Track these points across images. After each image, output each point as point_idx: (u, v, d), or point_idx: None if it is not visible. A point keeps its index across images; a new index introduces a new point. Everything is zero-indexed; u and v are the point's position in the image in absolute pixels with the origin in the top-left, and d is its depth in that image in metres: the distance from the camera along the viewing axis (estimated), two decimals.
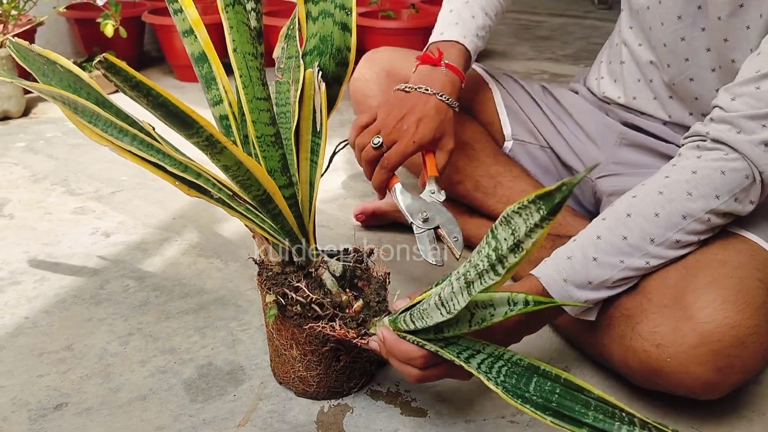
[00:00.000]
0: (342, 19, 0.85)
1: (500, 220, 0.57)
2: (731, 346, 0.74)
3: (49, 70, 0.79)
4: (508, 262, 0.58)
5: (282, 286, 0.81)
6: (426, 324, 0.71)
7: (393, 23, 2.28)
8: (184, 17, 0.78)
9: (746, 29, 0.87)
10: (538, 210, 0.53)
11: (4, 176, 1.57)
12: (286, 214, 0.78)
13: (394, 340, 0.76)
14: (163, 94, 0.63)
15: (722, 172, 0.79)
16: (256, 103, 0.74)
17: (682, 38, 0.96)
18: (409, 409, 0.86)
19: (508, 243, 0.57)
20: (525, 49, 2.93)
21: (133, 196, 1.47)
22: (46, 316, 1.05)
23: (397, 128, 0.97)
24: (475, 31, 1.06)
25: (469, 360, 0.70)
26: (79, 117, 0.74)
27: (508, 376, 0.68)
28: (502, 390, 0.66)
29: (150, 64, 2.53)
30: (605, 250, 0.80)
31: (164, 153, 0.74)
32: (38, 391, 0.88)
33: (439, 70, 1.01)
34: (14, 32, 1.95)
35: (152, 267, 1.19)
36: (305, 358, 0.83)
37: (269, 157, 0.77)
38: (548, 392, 0.66)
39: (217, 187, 0.76)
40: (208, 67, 0.81)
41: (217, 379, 0.91)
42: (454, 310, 0.66)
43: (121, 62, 0.59)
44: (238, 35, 0.71)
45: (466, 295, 0.64)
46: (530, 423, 0.84)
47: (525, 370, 0.69)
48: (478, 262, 0.61)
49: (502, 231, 0.57)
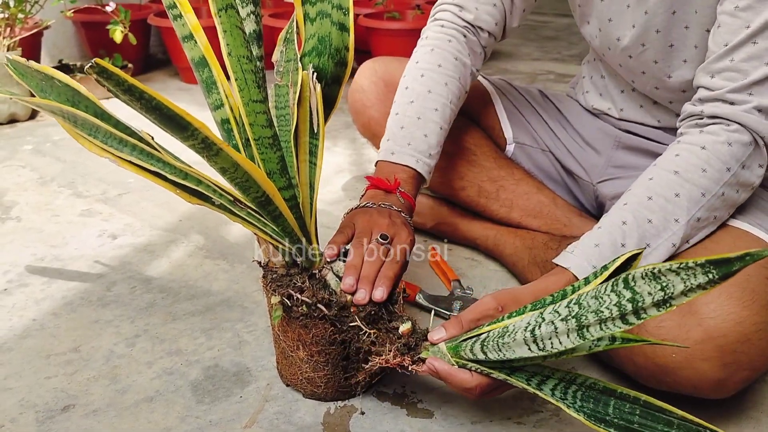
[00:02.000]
0: (339, 19, 0.85)
1: (643, 274, 0.57)
2: (737, 342, 0.74)
3: (47, 85, 0.79)
4: (647, 314, 0.58)
5: (287, 287, 0.81)
6: (506, 357, 0.69)
7: (398, 24, 2.28)
8: (184, 23, 0.79)
9: (685, 29, 0.91)
10: (706, 273, 0.53)
11: (11, 179, 1.58)
12: (287, 216, 0.78)
13: (447, 372, 0.74)
14: (157, 97, 0.63)
15: (729, 144, 0.81)
16: (252, 105, 0.74)
17: (630, 56, 1.00)
18: (415, 410, 0.86)
19: (654, 298, 0.57)
20: (531, 49, 2.92)
21: (140, 198, 1.47)
22: (53, 318, 1.05)
23: (390, 224, 0.87)
24: (428, 151, 0.98)
25: (540, 386, 0.69)
26: (78, 130, 0.75)
27: (584, 400, 0.68)
28: (584, 416, 0.65)
29: (156, 67, 2.54)
30: (632, 234, 0.80)
31: (164, 161, 0.74)
32: (45, 393, 0.89)
33: (394, 196, 0.94)
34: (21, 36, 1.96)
35: (159, 269, 1.20)
36: (312, 359, 0.83)
37: (268, 159, 0.77)
38: (628, 414, 0.66)
39: (218, 193, 0.76)
40: (209, 71, 0.81)
41: (223, 380, 0.91)
42: (551, 349, 0.65)
43: (113, 66, 0.59)
44: (231, 39, 0.71)
45: (575, 338, 0.63)
46: (537, 424, 0.84)
47: (601, 394, 0.68)
48: (602, 309, 0.60)
49: (645, 285, 0.57)
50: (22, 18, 1.95)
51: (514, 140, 1.21)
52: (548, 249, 1.05)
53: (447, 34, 1.05)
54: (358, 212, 0.89)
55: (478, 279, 1.16)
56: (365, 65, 1.27)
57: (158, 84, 2.36)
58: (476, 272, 1.18)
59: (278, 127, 0.82)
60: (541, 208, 1.16)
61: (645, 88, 1.02)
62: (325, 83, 0.86)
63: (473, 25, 1.06)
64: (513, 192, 1.17)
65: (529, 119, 1.22)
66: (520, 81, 2.45)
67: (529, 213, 1.16)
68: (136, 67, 2.37)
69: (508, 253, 1.15)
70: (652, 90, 1.01)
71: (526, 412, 0.86)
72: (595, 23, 1.04)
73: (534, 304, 0.71)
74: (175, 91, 2.27)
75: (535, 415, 0.85)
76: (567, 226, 1.12)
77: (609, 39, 1.01)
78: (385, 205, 0.89)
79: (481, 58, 1.09)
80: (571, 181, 1.19)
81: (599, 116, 1.14)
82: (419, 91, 1.01)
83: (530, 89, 1.26)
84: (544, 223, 1.15)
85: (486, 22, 1.06)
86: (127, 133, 0.74)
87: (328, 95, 0.87)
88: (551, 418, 0.85)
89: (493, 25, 1.06)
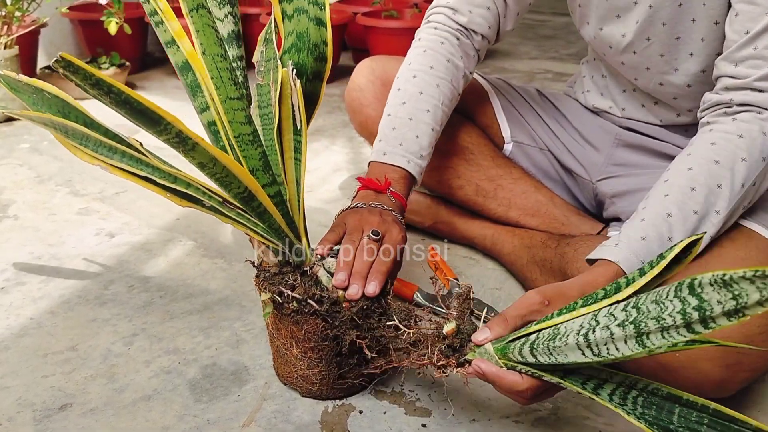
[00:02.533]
0: (316, 14, 0.86)
1: (712, 280, 0.53)
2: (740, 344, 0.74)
3: (38, 98, 0.80)
4: (717, 324, 0.54)
5: (278, 285, 0.81)
6: (557, 361, 0.65)
7: (396, 23, 2.28)
8: (166, 29, 0.79)
9: (692, 22, 0.91)
10: None
11: (9, 177, 1.58)
12: (272, 212, 0.78)
13: (496, 375, 0.70)
14: (126, 91, 0.62)
15: (764, 134, 0.80)
16: (230, 103, 0.74)
17: (634, 52, 0.99)
18: (413, 409, 0.86)
19: (725, 307, 0.53)
20: (529, 48, 2.92)
21: (138, 197, 1.47)
22: (50, 316, 1.05)
23: (381, 221, 0.87)
24: (419, 152, 0.98)
25: (597, 391, 0.66)
26: (69, 140, 0.76)
27: (646, 407, 0.63)
28: (646, 424, 0.61)
29: (153, 65, 2.54)
30: (678, 228, 0.79)
31: (153, 166, 0.74)
32: (43, 392, 0.89)
33: (385, 195, 0.93)
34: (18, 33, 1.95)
35: (156, 267, 1.19)
36: (306, 356, 0.83)
37: (249, 156, 0.77)
38: (695, 423, 0.62)
39: (207, 195, 0.76)
40: (193, 75, 0.81)
41: (221, 379, 0.91)
42: (607, 356, 0.61)
43: (79, 60, 0.59)
44: (204, 38, 0.72)
45: (634, 345, 0.59)
46: (535, 423, 0.84)
47: (664, 401, 0.64)
48: (664, 315, 0.56)
49: (714, 292, 0.53)
50: (19, 16, 1.94)
51: (512, 139, 1.21)
52: (546, 248, 1.05)
53: (440, 37, 1.05)
54: (350, 212, 0.89)
55: (477, 278, 1.16)
56: (362, 64, 1.27)
57: (155, 82, 2.36)
58: (474, 271, 1.18)
59: (262, 126, 0.82)
60: (539, 206, 1.16)
61: (648, 85, 1.02)
62: (306, 79, 0.86)
63: (466, 28, 1.06)
64: (511, 191, 1.17)
65: (527, 118, 1.22)
66: (517, 80, 2.46)
67: (527, 212, 1.16)
68: (134, 65, 2.36)
69: (506, 252, 1.15)
70: (655, 87, 1.01)
71: (525, 410, 0.86)
72: (594, 23, 1.03)
73: (585, 299, 0.67)
74: (172, 89, 2.27)
75: (534, 413, 0.85)
76: (565, 224, 1.12)
77: (611, 37, 1.01)
78: (375, 204, 0.89)
79: (474, 61, 1.09)
80: (570, 180, 1.19)
81: (600, 114, 1.14)
82: (411, 92, 1.01)
83: (528, 88, 1.26)
84: (542, 221, 1.15)
85: (479, 25, 1.06)
86: (117, 141, 0.74)
87: (311, 91, 0.87)
88: (549, 416, 0.85)
89: (486, 28, 1.07)
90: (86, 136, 0.74)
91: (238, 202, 0.76)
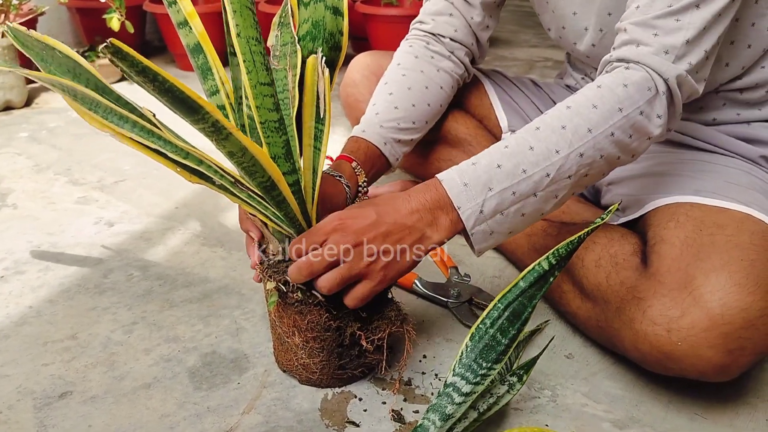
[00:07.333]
0: (333, 3, 0.85)
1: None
2: (742, 329, 0.74)
3: (47, 55, 0.78)
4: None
5: (283, 273, 0.81)
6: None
7: (396, 11, 2.26)
8: (179, 9, 0.78)
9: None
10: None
11: (7, 166, 1.58)
12: (290, 201, 0.77)
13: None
14: (170, 79, 0.62)
15: (624, 85, 0.81)
16: (260, 88, 0.73)
17: (593, 45, 1.05)
18: (413, 396, 0.86)
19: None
20: (528, 36, 2.91)
21: (137, 186, 1.47)
22: (50, 305, 1.05)
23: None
24: (379, 123, 1.05)
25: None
26: (79, 103, 0.74)
27: None
28: None
29: (152, 54, 2.52)
30: (510, 158, 0.80)
31: (165, 140, 0.73)
32: (43, 380, 0.89)
33: (344, 162, 0.98)
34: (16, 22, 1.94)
35: (156, 256, 1.19)
36: (307, 345, 0.83)
37: (273, 143, 0.76)
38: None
39: (218, 174, 0.75)
40: (204, 57, 0.81)
41: (221, 367, 0.91)
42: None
43: (128, 47, 0.59)
44: (241, 19, 0.70)
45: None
46: (533, 410, 0.84)
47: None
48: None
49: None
50: (16, 4, 1.93)
51: (509, 129, 1.21)
52: (547, 235, 1.05)
53: (411, 48, 1.13)
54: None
55: (476, 266, 1.16)
56: (357, 59, 1.28)
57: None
58: (474, 259, 1.18)
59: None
60: None
61: None
62: None
63: (433, 33, 1.14)
64: None
65: (523, 107, 1.22)
66: (517, 68, 2.45)
67: None
68: None
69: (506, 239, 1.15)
70: None
71: (524, 397, 0.86)
72: (554, 28, 1.11)
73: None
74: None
75: (533, 400, 0.86)
76: (565, 212, 1.12)
77: (573, 34, 1.06)
78: (333, 173, 0.94)
79: (451, 64, 1.14)
80: None
81: None
82: (399, 83, 1.08)
83: (523, 79, 1.28)
84: None
85: (445, 30, 1.13)
86: (128, 109, 0.73)
87: None
88: (548, 403, 0.85)
89: (453, 31, 1.13)
90: (96, 102, 0.73)
91: (260, 191, 0.75)
